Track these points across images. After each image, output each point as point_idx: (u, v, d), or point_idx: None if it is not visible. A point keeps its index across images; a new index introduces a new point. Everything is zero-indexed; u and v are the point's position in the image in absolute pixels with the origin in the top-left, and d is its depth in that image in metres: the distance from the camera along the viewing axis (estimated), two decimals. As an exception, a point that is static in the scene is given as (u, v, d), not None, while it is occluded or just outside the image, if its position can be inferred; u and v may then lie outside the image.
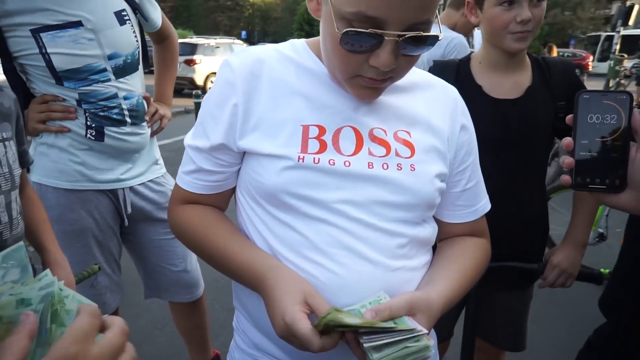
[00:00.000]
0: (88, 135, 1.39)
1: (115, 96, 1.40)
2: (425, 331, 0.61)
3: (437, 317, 0.68)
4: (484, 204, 0.88)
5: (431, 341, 0.60)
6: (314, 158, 0.70)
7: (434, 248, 0.86)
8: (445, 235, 0.87)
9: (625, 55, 10.64)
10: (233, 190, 0.83)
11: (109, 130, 1.41)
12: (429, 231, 0.80)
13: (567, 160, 0.64)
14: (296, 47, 0.79)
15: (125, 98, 1.42)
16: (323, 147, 0.71)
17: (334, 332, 0.61)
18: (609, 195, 0.64)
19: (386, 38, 0.61)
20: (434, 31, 0.65)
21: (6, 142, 0.94)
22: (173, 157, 5.85)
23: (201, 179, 0.79)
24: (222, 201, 0.83)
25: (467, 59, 1.31)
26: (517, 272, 1.32)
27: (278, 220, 0.73)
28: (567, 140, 0.64)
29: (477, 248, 0.85)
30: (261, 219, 0.75)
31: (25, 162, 1.06)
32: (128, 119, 1.44)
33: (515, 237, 1.27)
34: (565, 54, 19.83)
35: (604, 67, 15.30)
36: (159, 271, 1.63)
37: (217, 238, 0.77)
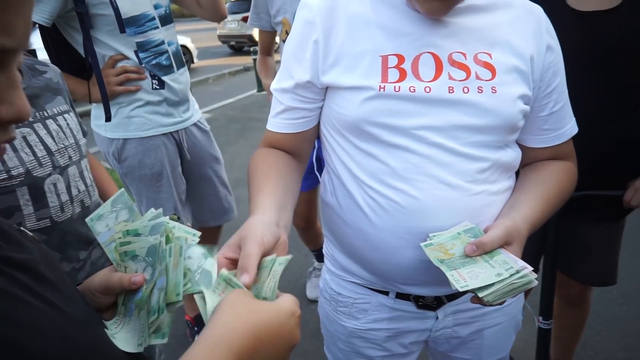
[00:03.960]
0: (154, 86, 1.59)
1: (162, 43, 1.59)
2: (530, 268, 0.62)
3: (524, 242, 0.69)
4: (572, 127, 0.84)
5: (533, 274, 0.61)
6: (395, 87, 0.71)
7: (517, 174, 0.84)
8: (530, 160, 0.85)
9: None
10: (316, 130, 0.85)
11: (165, 78, 1.61)
12: (512, 155, 0.79)
13: None
14: None
15: (169, 44, 1.62)
16: (403, 75, 0.72)
17: None
18: None
19: None
20: None
21: (65, 115, 0.99)
22: (238, 115, 6.05)
23: (288, 117, 0.82)
24: (305, 142, 0.85)
25: None
26: (604, 201, 1.25)
27: (360, 150, 0.76)
28: None
29: (562, 171, 0.83)
30: (345, 150, 0.78)
31: (84, 132, 1.09)
32: (174, 64, 1.64)
33: (607, 165, 1.19)
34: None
35: None
36: (209, 200, 1.87)
37: (256, 176, 0.78)
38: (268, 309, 0.47)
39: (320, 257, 2.20)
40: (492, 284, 0.58)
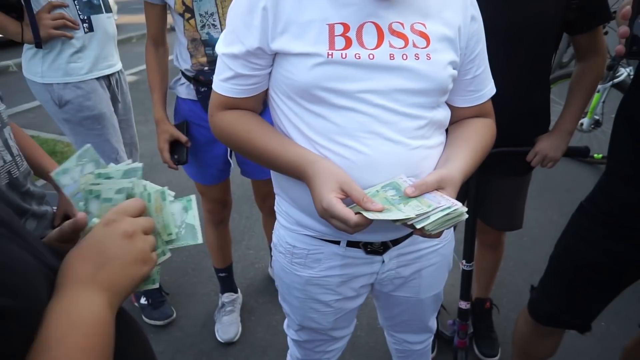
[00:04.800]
0: (85, 30, 1.65)
1: None
2: (460, 204, 0.72)
3: (458, 188, 0.80)
4: (491, 88, 0.97)
5: (464, 208, 0.71)
6: (342, 54, 0.77)
7: (447, 131, 0.95)
8: (457, 118, 0.96)
9: None
10: (265, 92, 0.91)
11: (95, 19, 1.66)
12: (443, 114, 0.90)
13: (623, 29, 0.65)
14: None
15: None
16: (348, 43, 0.78)
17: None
18: None
19: None
20: None
21: None
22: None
23: (239, 83, 0.86)
24: (258, 103, 0.92)
25: None
26: (514, 157, 1.44)
27: (311, 112, 0.82)
28: (625, 9, 0.65)
29: (485, 127, 0.95)
30: (295, 113, 0.84)
31: (0, 97, 1.06)
32: (103, 6, 1.69)
33: (518, 128, 1.36)
34: None
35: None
36: (133, 142, 1.98)
37: (260, 139, 0.86)
38: (87, 238, 0.51)
39: None
40: (429, 216, 0.69)
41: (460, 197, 1.16)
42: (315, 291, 1.01)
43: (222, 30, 1.35)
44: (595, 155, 3.08)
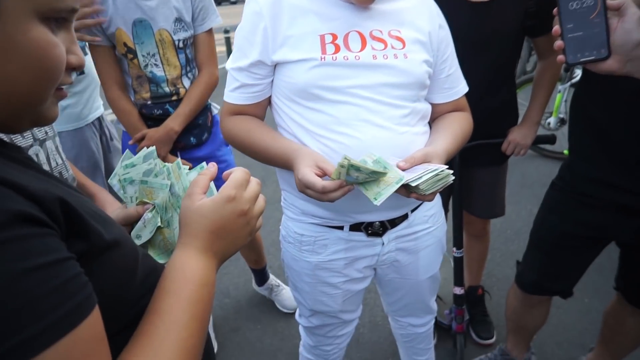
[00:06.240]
0: (77, 72, 1.48)
1: None
2: (445, 166, 0.84)
3: (444, 162, 0.92)
4: (464, 86, 1.13)
5: (450, 171, 0.84)
6: (332, 57, 0.92)
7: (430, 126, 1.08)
8: (438, 114, 1.11)
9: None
10: (268, 100, 1.05)
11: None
12: (424, 106, 1.04)
13: (557, 43, 0.80)
14: None
15: None
16: (337, 49, 0.93)
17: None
18: (598, 64, 0.79)
19: None
20: None
21: None
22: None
23: (244, 92, 1.01)
24: (261, 109, 1.06)
25: None
26: (490, 149, 1.60)
27: (310, 108, 0.96)
28: (555, 27, 0.80)
29: (462, 117, 1.11)
30: (297, 111, 0.98)
31: None
32: (86, 47, 1.55)
33: (490, 123, 1.52)
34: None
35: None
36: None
37: (257, 137, 1.01)
38: (207, 208, 0.57)
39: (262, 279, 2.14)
40: (422, 176, 0.81)
41: (445, 190, 1.30)
42: (324, 275, 1.12)
43: (163, 69, 1.46)
44: (565, 151, 3.30)
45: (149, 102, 1.52)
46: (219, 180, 0.61)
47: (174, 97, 1.52)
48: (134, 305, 0.51)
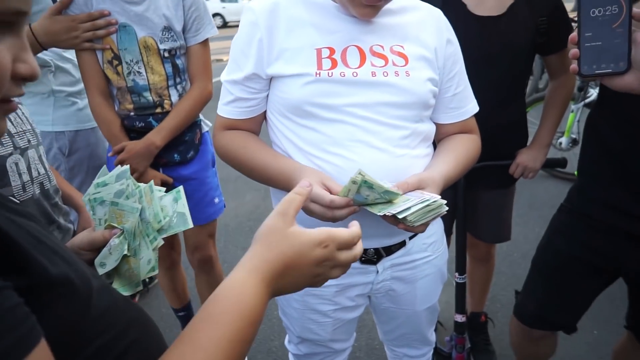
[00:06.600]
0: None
1: None
2: (439, 197, 0.78)
3: (441, 189, 0.86)
4: (473, 106, 1.05)
5: (443, 201, 0.77)
6: (328, 73, 0.87)
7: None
8: (443, 135, 1.04)
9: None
10: (263, 115, 0.99)
11: None
12: (427, 127, 0.97)
13: (573, 51, 0.73)
14: None
15: None
16: (334, 64, 0.87)
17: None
18: (615, 78, 0.72)
19: None
20: None
21: (20, 105, 1.01)
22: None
23: (238, 106, 0.95)
24: (256, 125, 1.00)
25: None
26: (497, 170, 1.52)
27: (303, 126, 0.90)
28: (572, 35, 0.73)
29: (469, 140, 1.03)
30: (290, 129, 0.92)
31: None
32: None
33: (498, 143, 1.45)
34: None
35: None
36: None
37: (254, 154, 0.94)
38: (299, 240, 0.53)
39: None
40: (410, 207, 0.74)
41: (449, 213, 1.24)
42: (313, 301, 1.05)
43: (146, 77, 1.38)
44: (576, 172, 3.20)
45: (132, 114, 1.44)
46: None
47: (158, 110, 1.44)
48: (92, 340, 0.45)
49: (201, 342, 0.44)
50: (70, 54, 1.56)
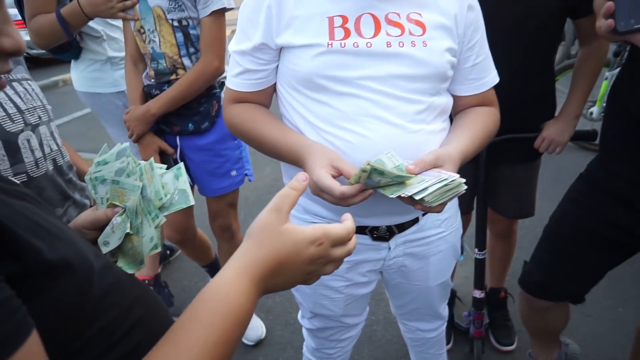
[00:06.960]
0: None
1: None
2: (458, 175, 0.74)
3: (458, 166, 0.82)
4: (493, 77, 0.99)
5: (462, 179, 0.74)
6: (341, 43, 0.82)
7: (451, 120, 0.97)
8: (460, 107, 0.99)
9: None
10: (274, 87, 0.96)
11: None
12: (444, 100, 0.92)
13: (608, 3, 0.67)
14: None
15: None
16: (347, 34, 0.82)
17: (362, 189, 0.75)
18: None
19: None
20: None
21: (29, 82, 1.02)
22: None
23: (247, 78, 0.92)
24: (266, 97, 0.97)
25: None
26: (522, 144, 1.45)
27: (314, 100, 0.87)
28: None
29: (487, 114, 0.98)
30: (300, 102, 0.89)
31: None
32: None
33: (524, 115, 1.38)
34: None
35: None
36: None
37: (263, 128, 0.92)
38: (292, 238, 0.51)
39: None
40: (427, 188, 0.71)
41: (469, 186, 1.20)
42: (325, 277, 1.03)
43: (160, 45, 1.43)
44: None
45: (153, 81, 1.51)
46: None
47: (173, 77, 1.48)
48: (94, 320, 0.45)
49: (185, 344, 0.44)
50: (118, 23, 1.74)
